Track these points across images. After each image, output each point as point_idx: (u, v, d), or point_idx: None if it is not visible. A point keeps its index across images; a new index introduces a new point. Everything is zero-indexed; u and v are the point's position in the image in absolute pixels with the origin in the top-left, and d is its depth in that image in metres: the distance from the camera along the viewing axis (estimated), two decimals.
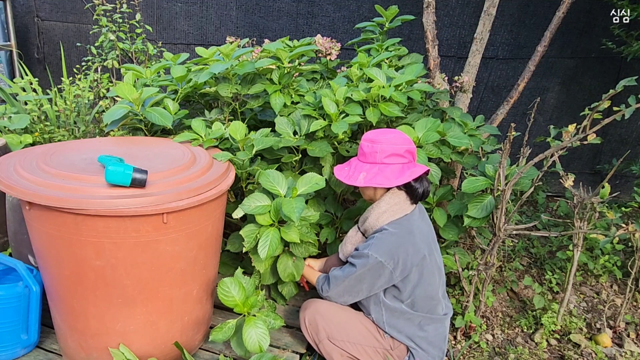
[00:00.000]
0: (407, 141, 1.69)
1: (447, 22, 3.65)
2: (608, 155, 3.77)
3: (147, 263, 1.53)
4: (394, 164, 1.66)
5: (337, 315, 1.72)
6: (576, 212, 2.07)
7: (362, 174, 1.67)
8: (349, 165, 1.77)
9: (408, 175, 1.64)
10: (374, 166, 1.67)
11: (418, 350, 1.70)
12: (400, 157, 1.66)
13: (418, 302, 1.69)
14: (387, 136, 1.67)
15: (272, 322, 1.72)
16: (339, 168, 1.80)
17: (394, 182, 1.63)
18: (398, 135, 1.69)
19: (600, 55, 3.53)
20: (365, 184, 1.65)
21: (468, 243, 2.73)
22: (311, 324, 1.73)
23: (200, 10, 4.03)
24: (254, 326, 1.61)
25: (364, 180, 1.65)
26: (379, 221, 1.70)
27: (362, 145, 1.72)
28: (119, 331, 1.61)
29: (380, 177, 1.64)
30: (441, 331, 1.75)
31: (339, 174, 1.76)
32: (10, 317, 1.69)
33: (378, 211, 1.71)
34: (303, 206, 1.68)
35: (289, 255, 1.97)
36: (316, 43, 2.49)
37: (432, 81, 2.57)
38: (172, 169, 1.61)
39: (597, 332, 2.26)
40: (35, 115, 2.92)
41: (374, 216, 1.71)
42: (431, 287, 1.69)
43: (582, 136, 1.92)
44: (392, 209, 1.69)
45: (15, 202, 1.97)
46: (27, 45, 4.60)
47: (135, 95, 1.98)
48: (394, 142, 1.66)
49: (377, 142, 1.66)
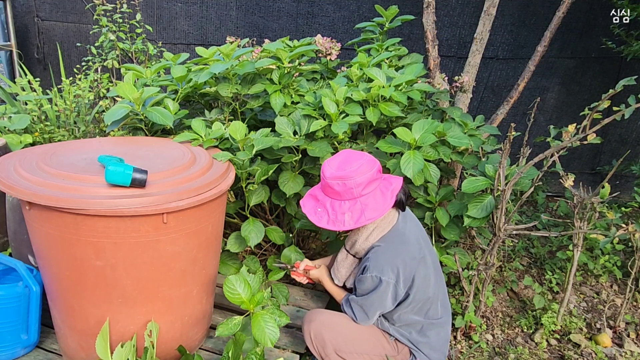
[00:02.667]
0: (373, 162, 1.59)
1: (447, 22, 3.64)
2: (608, 155, 3.77)
3: (147, 263, 1.53)
4: (373, 191, 1.57)
5: (343, 326, 1.67)
6: (576, 212, 2.07)
7: (347, 215, 1.55)
8: (322, 205, 1.62)
9: (390, 195, 1.57)
10: (355, 202, 1.56)
11: (420, 353, 1.70)
12: (375, 181, 1.58)
13: (418, 305, 1.66)
14: (354, 167, 1.55)
15: (278, 319, 1.68)
16: (310, 208, 1.65)
17: (384, 211, 1.55)
18: (363, 161, 1.57)
19: (600, 55, 3.53)
20: (356, 225, 1.54)
21: (468, 243, 2.74)
22: (317, 338, 1.66)
23: (200, 10, 4.03)
24: (263, 321, 1.58)
25: (353, 221, 1.54)
26: (369, 240, 1.64)
27: (331, 184, 1.56)
28: (119, 331, 1.61)
29: (368, 212, 1.54)
30: (443, 335, 1.74)
31: (318, 220, 1.61)
32: (10, 317, 1.69)
33: (366, 233, 1.64)
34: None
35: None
36: (316, 43, 2.49)
37: (432, 81, 2.57)
38: (172, 169, 1.61)
39: (597, 332, 2.26)
40: (35, 115, 2.92)
41: (363, 237, 1.65)
42: (429, 288, 1.67)
43: (582, 136, 1.92)
44: (381, 225, 1.63)
45: (15, 202, 1.97)
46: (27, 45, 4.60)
47: (136, 95, 1.98)
48: (364, 170, 1.55)
49: (348, 178, 1.53)
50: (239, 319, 1.65)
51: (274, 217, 2.50)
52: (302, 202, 1.69)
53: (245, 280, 1.65)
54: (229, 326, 1.63)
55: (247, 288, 1.64)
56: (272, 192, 2.29)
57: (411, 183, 2.13)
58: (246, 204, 2.17)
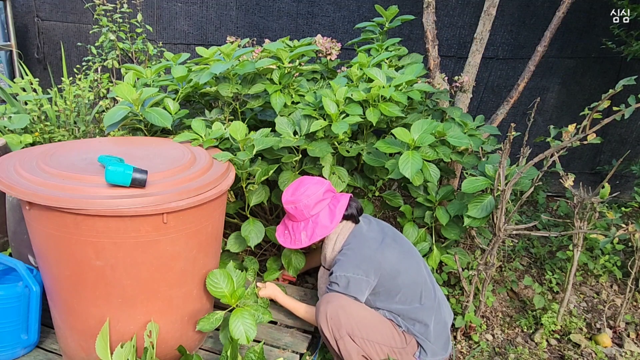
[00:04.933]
0: (320, 184, 1.83)
1: (447, 22, 3.64)
2: (608, 155, 3.77)
3: (147, 263, 1.53)
4: (322, 210, 1.81)
5: (360, 312, 1.74)
6: (576, 212, 2.07)
7: (303, 234, 1.81)
8: (287, 228, 1.89)
9: (338, 212, 1.80)
10: (307, 222, 1.81)
11: (427, 343, 1.77)
12: (322, 201, 1.81)
13: (408, 292, 1.76)
14: (302, 191, 1.81)
15: (261, 316, 1.76)
16: (280, 233, 1.93)
17: (332, 226, 1.79)
18: (310, 185, 1.82)
19: (600, 55, 3.53)
20: (310, 241, 1.80)
21: (468, 243, 2.74)
22: (333, 319, 1.70)
23: (200, 10, 4.03)
24: (240, 317, 1.66)
25: (308, 238, 1.80)
26: (335, 250, 1.86)
27: (287, 208, 1.84)
28: (119, 331, 1.61)
29: (318, 228, 1.79)
30: (440, 318, 1.82)
31: (284, 241, 1.88)
32: (10, 317, 1.69)
33: (331, 244, 1.87)
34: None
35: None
36: (316, 43, 2.49)
37: (432, 81, 2.57)
38: (172, 169, 1.61)
39: (597, 332, 2.26)
40: (35, 115, 2.92)
41: (330, 250, 1.87)
42: (410, 271, 1.79)
43: (582, 136, 1.92)
44: (341, 234, 1.85)
45: (15, 202, 1.97)
46: (27, 45, 4.60)
47: (135, 95, 1.98)
48: (311, 194, 1.80)
49: (298, 202, 1.80)
50: (220, 314, 1.69)
51: (274, 217, 2.50)
52: (277, 228, 1.96)
53: (229, 275, 1.72)
54: (210, 321, 1.68)
55: (229, 283, 1.72)
56: (272, 192, 2.29)
57: (410, 183, 2.14)
58: (246, 204, 2.17)
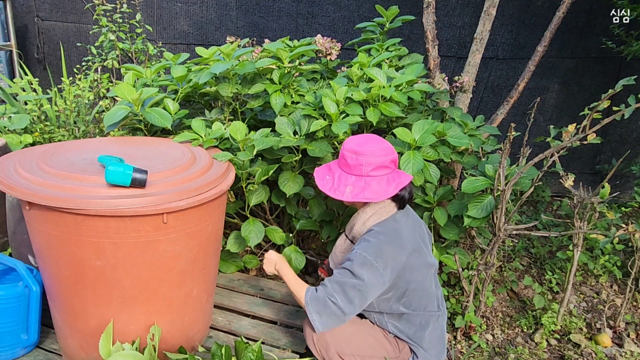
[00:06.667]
0: (390, 151, 1.64)
1: (447, 22, 3.64)
2: (608, 155, 3.77)
3: (147, 263, 1.53)
4: (380, 176, 1.62)
5: (345, 329, 1.67)
6: (576, 212, 2.07)
7: (349, 188, 1.62)
8: (331, 174, 1.70)
9: (394, 187, 1.61)
10: (360, 179, 1.62)
11: (420, 350, 1.70)
12: (386, 168, 1.63)
13: (414, 300, 1.66)
14: (372, 147, 1.61)
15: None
16: (320, 174, 1.73)
17: (382, 197, 1.60)
18: (382, 146, 1.63)
19: (600, 55, 3.53)
20: (353, 199, 1.60)
21: (468, 243, 2.73)
22: (319, 340, 1.66)
23: (200, 10, 4.03)
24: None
25: (351, 195, 1.61)
26: (366, 225, 1.67)
27: (345, 155, 1.64)
28: (119, 331, 1.60)
29: (367, 191, 1.60)
30: (438, 327, 1.75)
31: (322, 184, 1.69)
32: (10, 317, 1.69)
33: (364, 217, 1.68)
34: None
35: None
36: (316, 43, 2.49)
37: (432, 81, 2.57)
38: (172, 169, 1.61)
39: (597, 332, 2.26)
40: (35, 115, 2.92)
41: (361, 222, 1.69)
42: (424, 282, 1.68)
43: (582, 136, 1.92)
44: (379, 212, 1.67)
45: (15, 202, 1.97)
46: (27, 45, 4.60)
47: (135, 95, 1.98)
48: (379, 154, 1.61)
49: (362, 155, 1.60)
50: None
51: (274, 217, 2.50)
52: (317, 169, 1.77)
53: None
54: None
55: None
56: (272, 192, 2.29)
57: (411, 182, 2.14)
58: (246, 204, 2.17)
